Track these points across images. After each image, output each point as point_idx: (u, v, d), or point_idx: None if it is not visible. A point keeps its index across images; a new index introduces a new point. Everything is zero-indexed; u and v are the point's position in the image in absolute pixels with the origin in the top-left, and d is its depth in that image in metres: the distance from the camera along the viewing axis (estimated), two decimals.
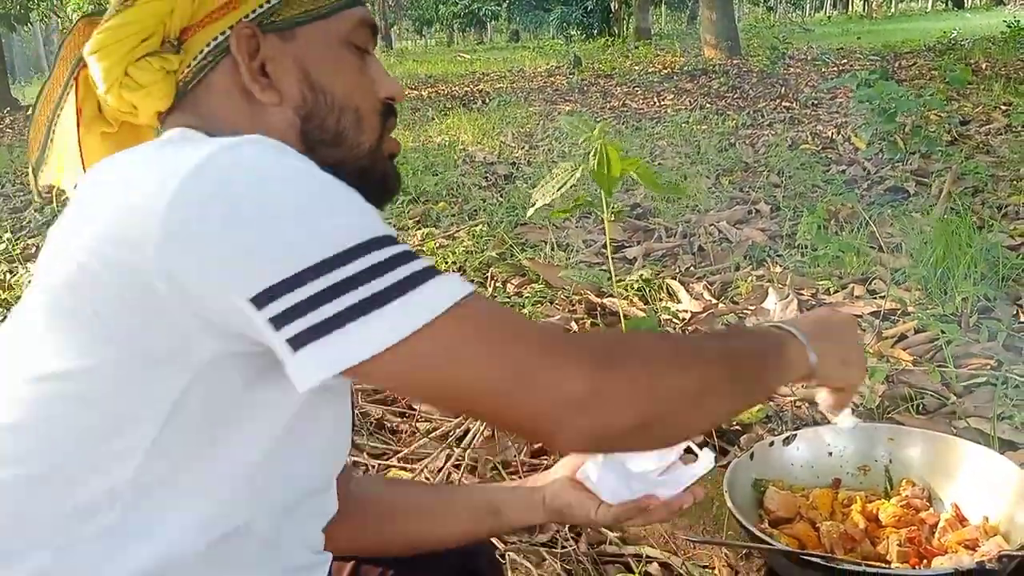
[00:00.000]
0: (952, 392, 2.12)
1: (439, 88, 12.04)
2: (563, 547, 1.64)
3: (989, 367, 2.22)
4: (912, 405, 2.06)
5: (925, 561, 1.32)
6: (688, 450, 1.05)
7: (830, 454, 1.57)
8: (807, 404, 2.14)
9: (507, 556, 1.64)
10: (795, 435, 1.57)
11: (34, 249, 4.43)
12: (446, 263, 3.53)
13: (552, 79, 12.02)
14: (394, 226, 4.25)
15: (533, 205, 1.49)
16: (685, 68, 11.29)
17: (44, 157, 0.90)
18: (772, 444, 1.55)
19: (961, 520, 1.39)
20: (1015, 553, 1.14)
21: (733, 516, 1.35)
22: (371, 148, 0.89)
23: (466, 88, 11.67)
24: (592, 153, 1.54)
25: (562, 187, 1.51)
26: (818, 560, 1.25)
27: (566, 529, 1.67)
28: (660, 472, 1.05)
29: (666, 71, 11.26)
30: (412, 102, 10.25)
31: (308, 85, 0.85)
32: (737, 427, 2.01)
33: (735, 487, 1.42)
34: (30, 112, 0.91)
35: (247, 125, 0.81)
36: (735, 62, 11.34)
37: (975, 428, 1.88)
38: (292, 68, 0.85)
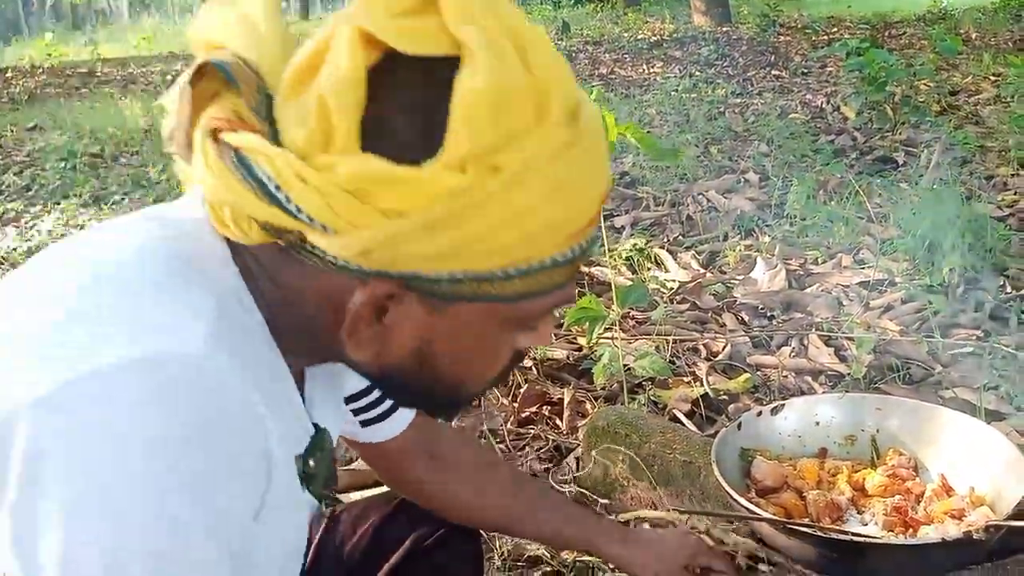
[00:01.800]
0: (938, 362, 2.12)
1: None
2: None
3: (975, 337, 2.22)
4: (899, 375, 2.07)
5: (911, 530, 1.32)
6: None
7: (817, 424, 1.56)
8: (793, 374, 2.14)
9: None
10: (783, 405, 1.56)
11: (13, 214, 4.36)
12: None
13: None
14: None
15: None
16: (674, 35, 11.18)
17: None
18: (760, 414, 1.54)
19: (948, 490, 1.39)
20: (1002, 523, 1.15)
21: (720, 485, 1.35)
22: (439, 400, 0.77)
23: None
24: None
25: None
26: (805, 529, 1.25)
27: None
28: None
29: (655, 38, 11.15)
30: None
31: (418, 358, 0.69)
32: (724, 396, 2.01)
33: (723, 456, 1.42)
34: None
35: (309, 328, 0.67)
36: (724, 30, 11.23)
37: (961, 398, 1.88)
38: (413, 336, 0.68)
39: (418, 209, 0.60)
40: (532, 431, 1.96)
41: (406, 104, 0.62)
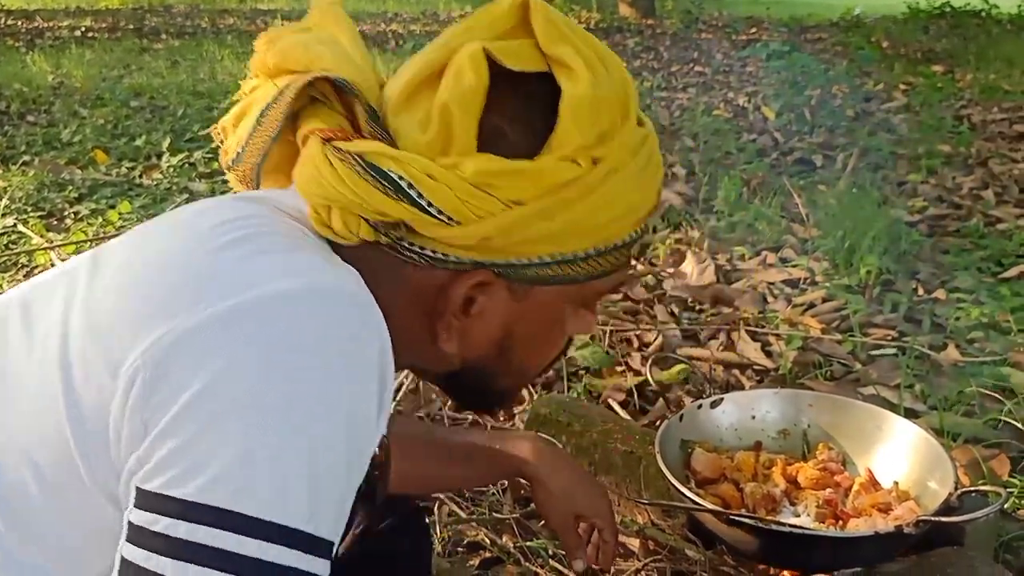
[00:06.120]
0: (858, 360, 2.22)
1: None
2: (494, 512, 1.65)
3: (890, 337, 2.34)
4: (821, 371, 2.15)
5: (841, 522, 1.39)
6: None
7: (753, 418, 1.62)
8: (722, 367, 2.21)
9: (434, 510, 1.64)
10: (722, 399, 1.62)
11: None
12: None
13: None
14: None
15: None
16: (600, 24, 11.28)
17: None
18: (700, 407, 1.59)
19: (874, 484, 1.46)
20: (931, 519, 1.22)
21: (663, 475, 1.38)
22: (502, 390, 0.87)
23: (378, 28, 11.35)
24: None
25: None
26: (747, 520, 1.30)
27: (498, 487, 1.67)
28: None
29: (582, 25, 11.24)
30: None
31: (498, 346, 0.77)
32: (655, 388, 2.05)
33: (665, 448, 1.46)
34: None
35: (402, 328, 0.70)
36: (650, 23, 11.40)
37: (882, 396, 1.97)
38: (497, 324, 0.76)
39: (535, 197, 0.69)
40: (470, 416, 1.97)
41: (514, 113, 0.71)
